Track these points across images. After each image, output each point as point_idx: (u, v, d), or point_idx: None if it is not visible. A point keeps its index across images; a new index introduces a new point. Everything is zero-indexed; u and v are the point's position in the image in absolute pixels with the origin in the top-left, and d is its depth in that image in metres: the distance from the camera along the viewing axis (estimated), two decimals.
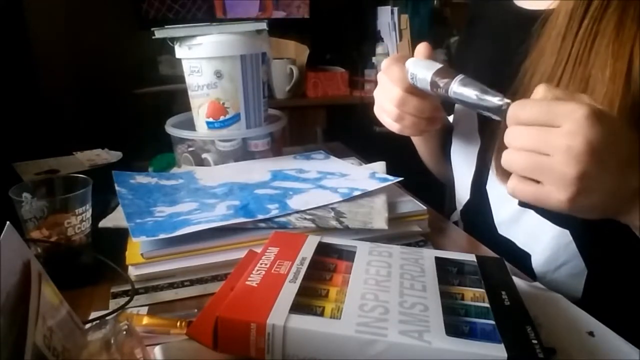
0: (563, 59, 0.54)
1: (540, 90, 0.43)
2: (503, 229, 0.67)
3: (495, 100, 0.47)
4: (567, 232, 0.59)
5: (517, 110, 0.42)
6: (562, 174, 0.40)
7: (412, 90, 0.61)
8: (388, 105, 0.63)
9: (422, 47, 0.61)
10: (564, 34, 0.54)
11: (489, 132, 0.67)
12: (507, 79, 0.61)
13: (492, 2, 0.75)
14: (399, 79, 0.61)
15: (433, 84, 0.55)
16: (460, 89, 0.51)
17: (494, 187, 0.67)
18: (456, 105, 0.76)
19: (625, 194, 0.43)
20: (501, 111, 0.46)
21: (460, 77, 0.52)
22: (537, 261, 0.63)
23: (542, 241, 0.62)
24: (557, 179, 0.40)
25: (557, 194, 0.41)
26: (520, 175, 0.43)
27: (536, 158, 0.41)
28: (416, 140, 0.83)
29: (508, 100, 0.46)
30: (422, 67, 0.57)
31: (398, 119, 0.63)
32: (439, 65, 0.56)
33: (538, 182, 0.42)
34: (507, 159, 0.43)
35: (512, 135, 0.43)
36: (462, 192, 0.75)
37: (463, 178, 0.74)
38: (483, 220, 0.68)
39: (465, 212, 0.76)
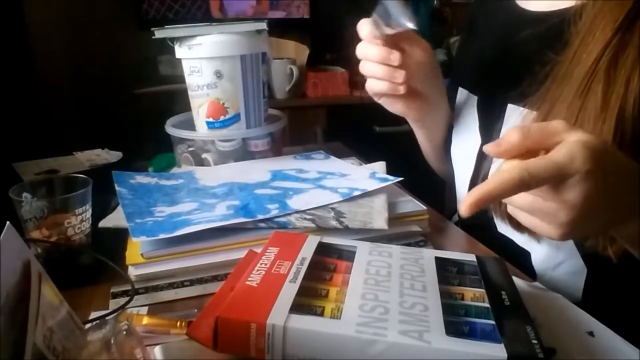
0: (599, 67, 0.53)
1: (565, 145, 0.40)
2: (502, 227, 0.67)
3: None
4: None
5: (531, 172, 0.39)
6: (555, 218, 0.42)
7: (372, 40, 0.64)
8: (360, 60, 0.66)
9: None
10: (598, 43, 0.54)
11: (489, 131, 0.67)
12: (513, 79, 0.61)
13: (494, 2, 0.75)
14: (363, 30, 0.64)
15: (377, 9, 0.61)
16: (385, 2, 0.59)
17: None
18: (456, 104, 0.76)
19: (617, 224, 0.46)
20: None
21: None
22: (537, 259, 0.64)
23: (540, 238, 0.62)
24: (550, 221, 0.42)
25: (549, 231, 0.43)
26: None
27: (534, 201, 0.42)
28: (420, 138, 0.82)
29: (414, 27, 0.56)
30: (381, 6, 0.62)
31: (361, 67, 0.66)
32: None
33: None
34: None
35: None
36: (461, 190, 0.75)
37: (462, 176, 0.74)
38: (482, 218, 0.68)
39: None
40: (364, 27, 0.64)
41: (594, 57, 0.53)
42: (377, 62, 0.63)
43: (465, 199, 0.38)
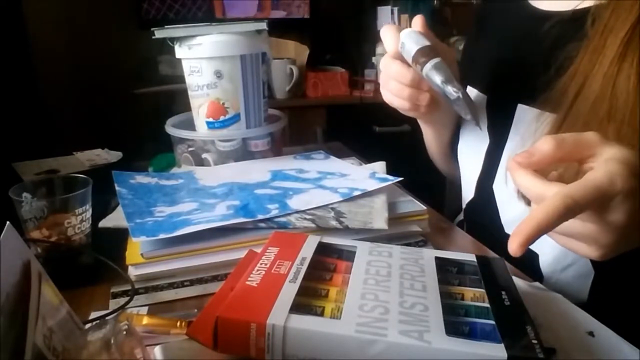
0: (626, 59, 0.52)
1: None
2: (510, 229, 0.66)
3: (451, 90, 0.51)
4: None
5: (575, 198, 0.37)
6: (595, 240, 0.41)
7: (398, 56, 0.62)
8: (380, 70, 0.65)
9: (418, 20, 0.62)
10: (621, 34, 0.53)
11: (498, 131, 0.67)
12: (524, 79, 0.61)
13: (504, 2, 0.74)
14: (389, 44, 0.62)
15: (414, 58, 0.57)
16: (431, 72, 0.54)
17: (502, 187, 0.66)
18: None
19: None
20: (456, 101, 0.51)
21: (435, 60, 0.55)
22: (545, 261, 0.63)
23: (550, 241, 0.61)
24: (590, 243, 0.41)
25: (589, 252, 0.42)
26: None
27: (572, 224, 0.40)
28: (428, 136, 0.81)
29: (461, 93, 0.50)
30: (412, 39, 0.59)
31: (385, 82, 0.65)
32: (426, 43, 0.58)
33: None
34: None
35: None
36: (467, 190, 0.75)
37: (469, 176, 0.74)
38: (489, 219, 0.68)
39: (469, 210, 0.75)
40: (389, 39, 0.61)
41: (615, 47, 0.52)
42: (404, 85, 0.62)
43: (513, 240, 0.37)
